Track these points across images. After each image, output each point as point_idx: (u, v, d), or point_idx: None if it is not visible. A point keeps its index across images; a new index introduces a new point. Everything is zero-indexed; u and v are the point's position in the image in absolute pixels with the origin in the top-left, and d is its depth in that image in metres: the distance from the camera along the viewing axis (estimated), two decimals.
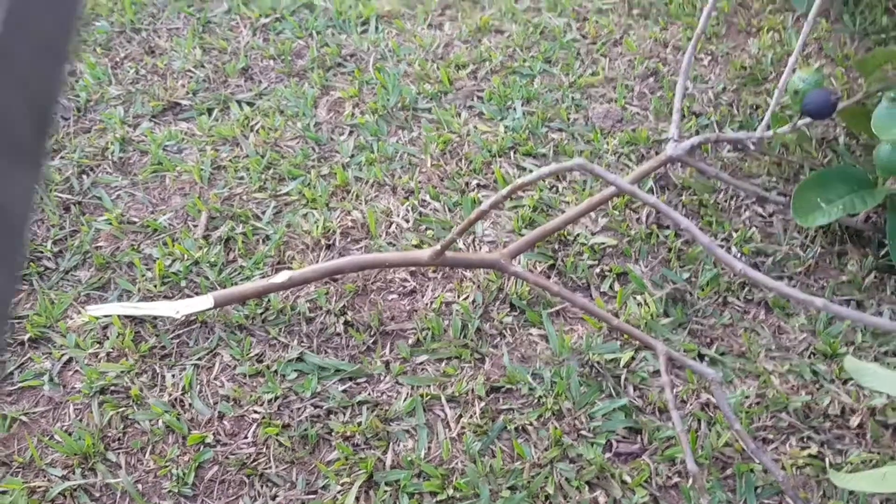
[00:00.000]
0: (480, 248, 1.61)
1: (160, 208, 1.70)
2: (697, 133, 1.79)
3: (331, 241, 1.62)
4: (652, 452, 1.32)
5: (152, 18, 2.19)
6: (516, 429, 1.34)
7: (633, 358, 1.43)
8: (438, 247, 1.37)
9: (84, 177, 1.76)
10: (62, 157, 1.80)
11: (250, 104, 1.93)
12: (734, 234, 1.62)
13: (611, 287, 1.54)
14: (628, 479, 1.28)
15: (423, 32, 2.12)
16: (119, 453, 1.32)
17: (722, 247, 1.61)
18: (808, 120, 1.57)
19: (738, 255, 1.59)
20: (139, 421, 1.36)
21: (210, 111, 1.91)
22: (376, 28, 2.14)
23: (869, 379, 1.25)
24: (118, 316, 1.48)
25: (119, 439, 1.35)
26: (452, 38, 2.10)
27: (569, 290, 1.37)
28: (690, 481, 1.28)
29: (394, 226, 1.65)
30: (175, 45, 2.09)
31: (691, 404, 1.38)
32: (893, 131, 1.31)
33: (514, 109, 1.88)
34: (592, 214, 1.65)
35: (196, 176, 1.74)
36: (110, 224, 1.65)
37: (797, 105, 1.56)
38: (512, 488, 1.27)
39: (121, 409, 1.37)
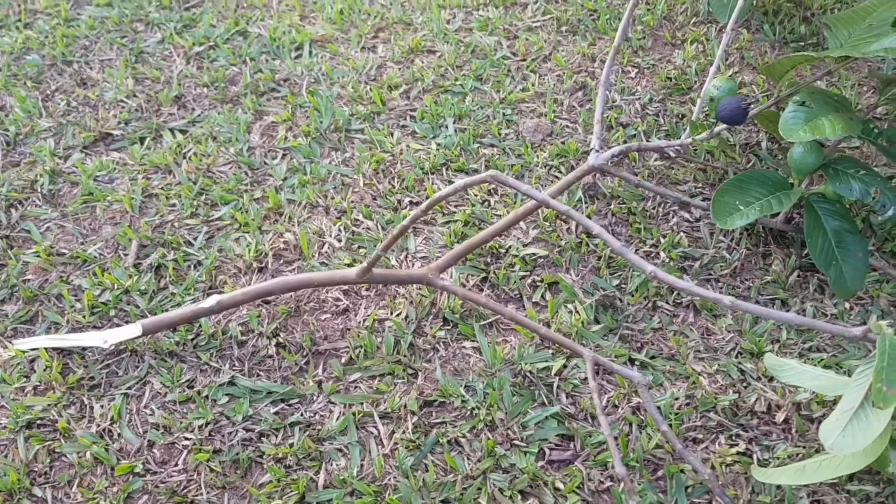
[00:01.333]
0: (413, 264, 1.62)
1: (90, 239, 1.69)
2: (625, 143, 1.82)
3: (263, 264, 1.62)
4: (584, 458, 1.33)
5: (84, 50, 2.18)
6: (449, 441, 1.34)
7: (564, 366, 1.44)
8: (365, 264, 1.38)
9: (12, 210, 1.74)
10: None
11: (183, 132, 1.93)
12: (662, 240, 1.65)
13: (542, 297, 1.56)
14: (561, 485, 1.28)
15: (356, 55, 2.14)
16: (45, 488, 1.30)
17: (651, 253, 1.63)
18: (724, 126, 1.61)
19: (668, 259, 1.62)
20: (66, 454, 1.34)
21: (142, 140, 1.90)
22: (310, 52, 2.16)
23: (788, 375, 1.27)
24: (46, 349, 1.45)
25: (45, 473, 1.32)
26: (385, 60, 2.12)
27: (498, 302, 1.38)
28: (621, 485, 1.28)
29: (326, 246, 1.65)
30: (107, 75, 2.09)
31: (622, 409, 1.40)
32: (799, 133, 1.35)
33: (446, 127, 1.90)
34: (523, 226, 1.67)
35: (127, 205, 1.73)
36: (39, 256, 1.63)
37: (713, 111, 1.60)
38: (445, 501, 1.27)
39: (47, 443, 1.34)
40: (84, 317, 1.52)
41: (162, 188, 1.77)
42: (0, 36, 2.22)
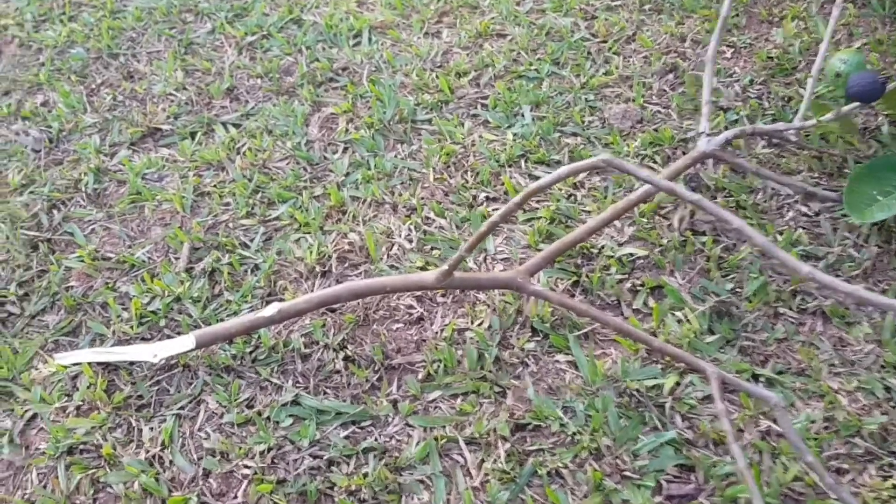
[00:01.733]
0: (493, 267, 1.44)
1: (138, 241, 1.54)
2: (726, 128, 1.61)
3: (326, 268, 1.45)
4: (709, 493, 1.13)
5: (131, 42, 2.05)
6: (549, 473, 1.15)
7: (677, 383, 1.24)
8: (446, 267, 1.20)
9: (54, 211, 1.60)
10: (31, 192, 1.64)
11: (236, 125, 1.77)
12: (779, 237, 1.44)
13: (644, 303, 1.36)
14: None
15: (419, 41, 1.97)
16: None
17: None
18: (853, 105, 1.40)
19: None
20: (112, 484, 1.18)
21: (193, 135, 1.75)
22: (369, 40, 1.99)
23: None
24: (89, 364, 1.30)
25: None
26: (451, 46, 1.94)
27: (598, 309, 1.19)
28: None
29: (396, 247, 1.48)
30: (155, 68, 1.95)
31: (749, 434, 1.19)
32: None
33: (523, 115, 1.72)
34: (618, 223, 1.48)
35: (178, 204, 1.58)
36: (82, 261, 1.49)
37: (840, 88, 1.39)
38: None
39: (90, 472, 1.19)
40: (132, 327, 1.37)
41: (215, 186, 1.62)
42: (44, 29, 2.10)
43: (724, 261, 1.41)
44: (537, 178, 1.58)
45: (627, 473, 1.14)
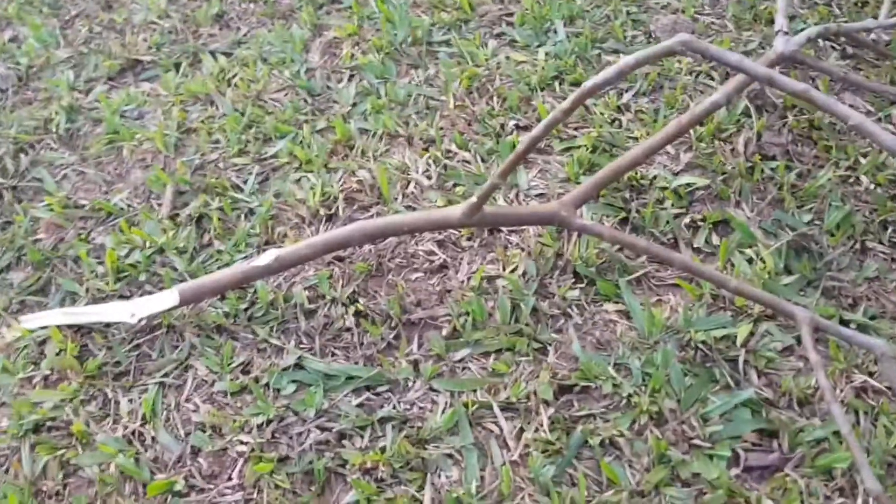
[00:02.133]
0: (528, 204, 1.23)
1: (115, 186, 1.34)
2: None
3: (332, 211, 1.25)
4: (797, 463, 0.93)
5: None
6: (601, 443, 0.96)
7: (751, 333, 1.04)
8: (475, 199, 0.99)
9: (21, 156, 1.41)
10: None
11: (226, 54, 1.56)
12: (862, 161, 1.22)
13: (707, 241, 1.15)
14: None
15: None
16: None
17: (847, 178, 1.21)
18: None
19: (872, 186, 1.19)
20: (84, 467, 1.00)
21: (177, 66, 1.55)
22: None
23: None
24: (59, 327, 1.12)
25: (57, 494, 0.99)
26: None
27: (659, 246, 0.98)
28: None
29: (412, 185, 1.27)
30: None
31: (841, 390, 0.99)
32: None
33: (555, 32, 1.49)
34: (671, 149, 1.26)
35: (160, 144, 1.38)
36: (52, 210, 1.30)
37: None
38: None
39: (59, 452, 1.01)
40: (107, 284, 1.18)
41: (202, 122, 1.42)
42: None
43: (800, 189, 1.19)
44: None
45: (697, 442, 0.95)
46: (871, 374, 0.99)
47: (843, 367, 1.00)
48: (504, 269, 1.15)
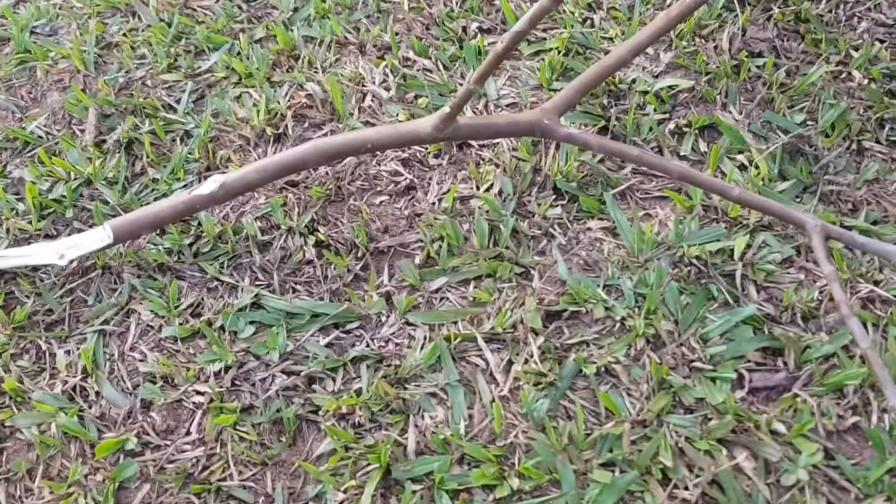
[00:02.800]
0: (499, 113, 1.12)
1: (31, 112, 1.18)
2: None
3: (280, 130, 1.12)
4: (805, 382, 0.87)
5: None
6: (597, 372, 0.88)
7: (748, 245, 0.97)
8: (447, 110, 0.88)
9: None
10: None
11: None
12: (853, 54, 1.14)
13: (693, 148, 1.06)
14: (780, 427, 0.83)
15: None
16: None
17: (840, 74, 1.13)
18: None
19: (866, 81, 1.11)
20: (21, 429, 0.88)
21: None
22: None
23: None
24: None
25: None
26: None
27: (653, 154, 0.89)
28: (891, 419, 0.83)
29: (369, 97, 1.14)
30: None
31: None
32: None
33: None
34: (649, 50, 1.16)
35: (77, 61, 1.21)
36: None
37: None
38: (608, 465, 0.82)
39: None
40: (30, 222, 1.04)
41: (124, 35, 1.25)
42: None
43: (789, 87, 1.11)
44: None
45: (698, 364, 0.88)
46: (876, 284, 0.93)
47: (846, 277, 0.94)
48: (478, 188, 1.04)
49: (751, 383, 0.87)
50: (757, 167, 1.02)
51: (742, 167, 1.03)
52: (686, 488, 0.80)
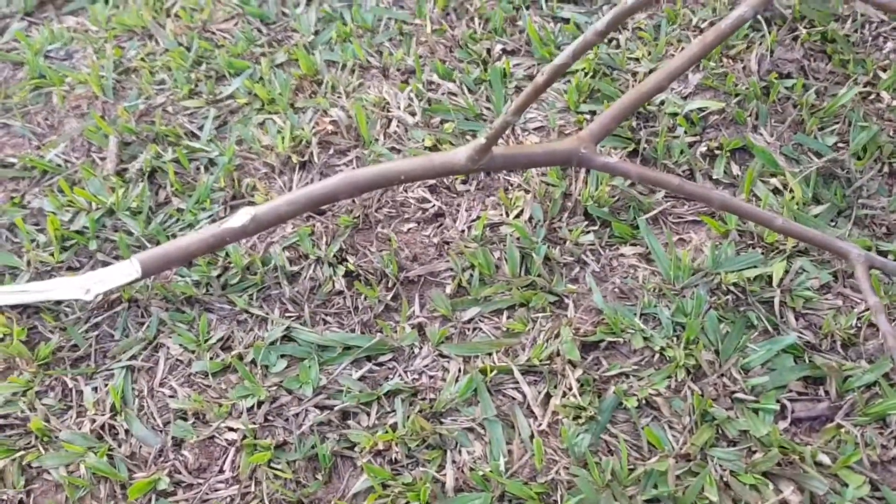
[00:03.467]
0: (526, 140, 1.11)
1: (48, 140, 1.16)
2: None
3: (305, 157, 1.10)
4: (847, 412, 0.86)
5: None
6: (638, 405, 0.87)
7: (785, 271, 0.95)
8: (482, 141, 0.86)
9: None
10: None
11: None
12: (882, 75, 1.13)
13: (726, 171, 1.05)
14: (825, 459, 0.81)
15: None
16: None
17: (868, 95, 1.12)
18: None
19: (894, 103, 1.10)
20: (49, 469, 0.86)
21: None
22: None
23: None
24: (0, 308, 0.96)
25: (20, 503, 0.85)
26: None
27: (694, 183, 0.87)
28: None
29: (394, 123, 1.13)
30: None
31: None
32: None
33: None
34: None
35: (95, 87, 1.19)
36: None
37: None
38: (653, 501, 0.80)
39: (17, 454, 0.87)
40: (52, 255, 1.02)
41: (142, 59, 1.24)
42: None
43: (819, 108, 1.10)
44: (565, 19, 1.23)
45: (740, 395, 0.86)
46: None
47: (885, 303, 0.92)
48: (508, 215, 1.03)
49: (793, 413, 0.86)
50: (791, 191, 1.01)
51: (776, 191, 1.02)
52: None
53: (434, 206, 1.05)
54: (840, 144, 1.06)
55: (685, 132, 1.08)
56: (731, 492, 0.81)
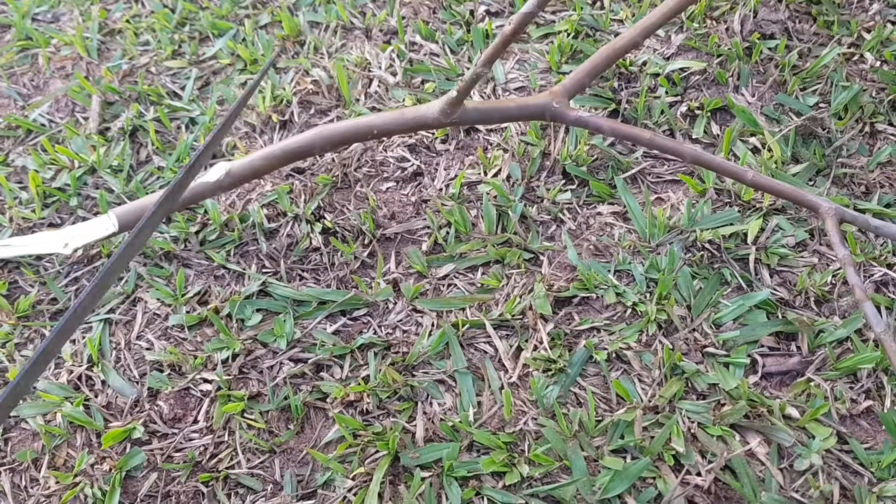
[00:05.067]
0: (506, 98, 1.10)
1: (33, 100, 1.17)
2: None
3: (286, 117, 1.11)
4: (818, 366, 0.86)
5: None
6: (608, 358, 0.87)
7: (761, 229, 0.95)
8: (454, 93, 0.86)
9: None
10: None
11: None
12: (866, 36, 1.12)
13: (705, 130, 1.05)
14: (794, 412, 0.82)
15: None
16: None
17: (852, 56, 1.11)
18: None
19: (878, 63, 1.09)
20: (26, 419, 0.88)
21: None
22: None
23: None
24: None
25: None
26: None
27: (666, 137, 0.87)
28: None
29: (375, 83, 1.13)
30: None
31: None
32: None
33: None
34: (661, 32, 1.14)
35: (80, 48, 1.20)
36: None
37: None
38: (619, 451, 0.81)
39: None
40: (34, 211, 1.03)
41: (127, 21, 1.24)
42: None
43: (802, 69, 1.09)
44: None
45: (711, 350, 0.87)
46: (890, 267, 0.91)
47: (860, 261, 0.92)
48: (486, 174, 1.03)
49: (764, 368, 0.86)
50: (770, 150, 1.00)
51: (755, 150, 1.02)
52: (699, 474, 0.79)
53: (413, 165, 1.05)
54: (821, 105, 1.05)
55: (666, 92, 1.08)
56: (697, 443, 0.81)
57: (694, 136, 1.04)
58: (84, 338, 0.92)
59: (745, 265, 0.93)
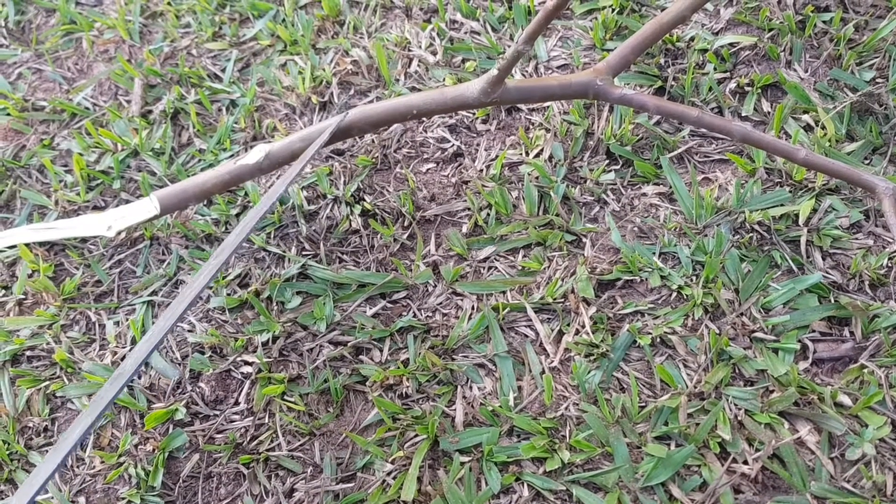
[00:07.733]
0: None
1: (77, 83, 1.18)
2: None
3: (326, 98, 1.10)
4: (872, 352, 0.83)
5: None
6: (653, 343, 0.85)
7: (814, 209, 0.92)
8: (494, 72, 0.84)
9: None
10: None
11: None
12: None
13: (756, 108, 1.01)
14: (846, 399, 0.79)
15: None
16: (46, 452, 0.86)
17: None
18: None
19: None
20: (72, 399, 0.89)
21: None
22: None
23: None
24: (28, 245, 0.99)
25: (46, 430, 0.88)
26: None
27: (713, 114, 0.84)
28: None
29: (415, 63, 1.11)
30: None
31: None
32: None
33: None
34: (709, 6, 1.10)
35: (122, 31, 1.21)
36: (9, 115, 1.14)
37: None
38: (663, 438, 0.79)
39: (42, 384, 0.90)
40: (78, 194, 1.04)
41: (168, 3, 1.24)
42: None
43: (858, 43, 1.04)
44: None
45: (759, 335, 0.84)
46: None
47: None
48: (527, 154, 1.01)
49: (815, 354, 0.83)
50: (823, 127, 0.97)
51: (807, 128, 0.98)
52: (745, 462, 0.77)
53: (453, 145, 1.03)
54: (879, 80, 1.01)
55: (715, 69, 1.04)
56: (744, 430, 0.79)
57: (743, 114, 1.01)
58: (128, 320, 0.94)
59: (795, 247, 0.90)
